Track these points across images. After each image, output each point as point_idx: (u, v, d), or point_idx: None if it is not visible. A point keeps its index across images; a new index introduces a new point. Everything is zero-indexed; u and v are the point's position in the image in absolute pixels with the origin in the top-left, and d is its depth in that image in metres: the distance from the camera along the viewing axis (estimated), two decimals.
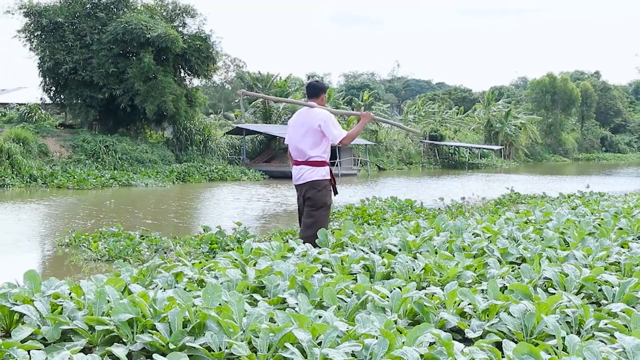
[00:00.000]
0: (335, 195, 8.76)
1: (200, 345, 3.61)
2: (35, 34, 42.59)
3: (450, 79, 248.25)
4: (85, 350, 3.78)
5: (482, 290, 4.88)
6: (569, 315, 4.20)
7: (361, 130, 8.84)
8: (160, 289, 4.86)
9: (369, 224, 13.64)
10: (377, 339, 3.43)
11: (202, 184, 39.69)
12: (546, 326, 3.90)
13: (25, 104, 46.52)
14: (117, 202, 26.87)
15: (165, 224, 19.95)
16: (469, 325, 4.12)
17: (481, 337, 3.96)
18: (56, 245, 14.91)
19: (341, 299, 4.54)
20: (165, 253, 12.97)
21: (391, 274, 5.44)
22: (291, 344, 3.44)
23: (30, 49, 43.12)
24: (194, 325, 3.83)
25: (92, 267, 12.02)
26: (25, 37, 42.87)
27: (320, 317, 3.95)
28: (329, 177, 8.56)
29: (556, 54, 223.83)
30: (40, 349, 3.70)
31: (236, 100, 61.15)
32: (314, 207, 8.38)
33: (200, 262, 6.00)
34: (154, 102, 40.75)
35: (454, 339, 3.58)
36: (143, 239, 14.36)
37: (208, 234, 12.69)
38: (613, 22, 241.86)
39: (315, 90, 8.69)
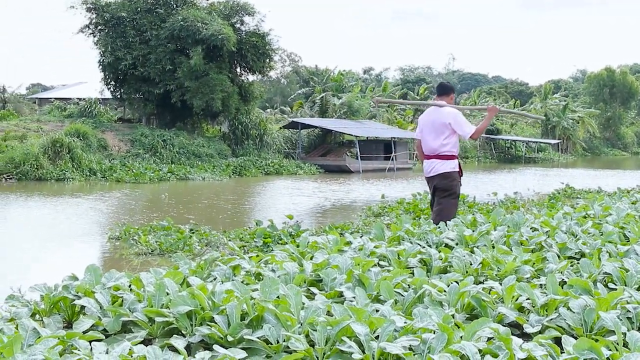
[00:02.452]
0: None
1: (258, 338, 3.63)
2: (98, 29, 43.27)
3: (506, 72, 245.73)
4: (145, 342, 3.83)
5: (541, 285, 4.82)
6: (629, 311, 4.12)
7: (489, 123, 9.70)
8: (218, 281, 4.90)
9: (419, 218, 13.56)
10: (434, 333, 3.41)
11: (258, 177, 39.92)
12: (606, 322, 3.84)
13: (85, 98, 47.35)
14: (172, 195, 27.17)
15: (218, 218, 20.12)
16: (528, 320, 4.07)
17: (540, 332, 3.92)
18: (107, 239, 15.15)
19: (398, 292, 4.52)
20: (217, 247, 13.08)
21: (448, 268, 5.40)
22: (349, 337, 3.44)
23: (93, 42, 43.80)
24: (252, 318, 3.85)
25: (144, 261, 12.15)
26: (90, 32, 43.58)
27: (377, 310, 3.94)
28: (457, 170, 9.19)
29: (615, 47, 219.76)
30: (101, 340, 3.77)
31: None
32: (443, 195, 9.08)
33: (257, 256, 6.04)
34: (202, 98, 41.05)
35: (512, 334, 3.55)
36: (193, 233, 14.50)
37: (260, 227, 12.77)
38: None
39: (445, 89, 9.46)
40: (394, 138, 50.92)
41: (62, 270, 9.53)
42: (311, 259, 5.64)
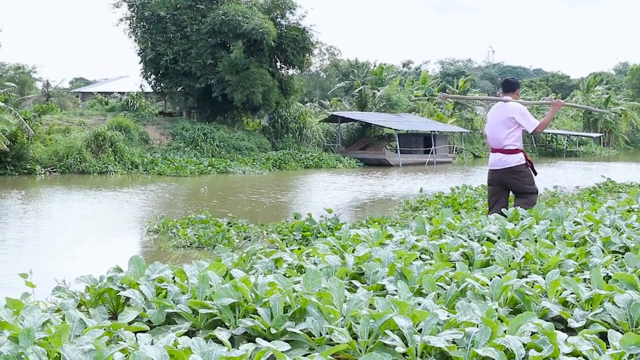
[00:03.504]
0: (535, 175, 9.73)
1: (301, 330, 3.64)
2: (139, 25, 43.66)
3: (547, 65, 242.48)
4: (189, 334, 3.86)
5: (585, 279, 4.77)
6: None
7: (552, 117, 9.98)
8: (261, 274, 4.93)
9: (458, 212, 13.48)
10: (478, 327, 3.40)
11: (297, 171, 39.99)
12: None
13: (126, 92, 47.80)
14: (211, 189, 27.37)
15: (256, 211, 20.20)
16: (572, 315, 4.04)
17: (584, 327, 3.88)
18: (146, 232, 15.31)
19: (440, 286, 4.51)
20: (256, 240, 13.13)
21: (490, 262, 5.37)
22: (391, 330, 3.44)
23: (134, 39, 44.22)
24: (295, 310, 3.87)
25: (182, 254, 12.24)
26: (130, 28, 44.02)
27: (420, 304, 3.94)
28: (524, 162, 9.50)
29: None
30: (146, 331, 3.82)
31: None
32: (523, 193, 9.50)
33: (299, 249, 6.06)
34: (243, 92, 41.21)
35: (556, 329, 3.53)
36: (231, 226, 14.57)
37: (299, 221, 12.78)
38: None
39: (510, 85, 9.79)
40: (434, 131, 50.69)
41: (102, 263, 9.66)
42: (353, 252, 5.65)
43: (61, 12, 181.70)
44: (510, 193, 9.78)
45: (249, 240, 13.33)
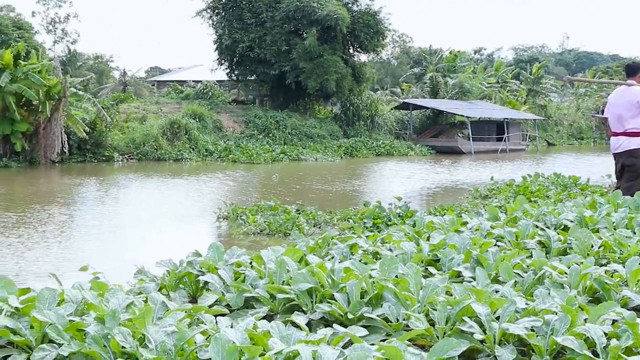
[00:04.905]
0: None
1: (377, 316, 3.66)
2: (215, 12, 44.15)
3: (624, 50, 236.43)
4: (267, 318, 3.92)
5: None
6: None
7: None
8: (337, 260, 4.97)
9: (531, 201, 13.30)
10: (557, 314, 3.37)
11: (369, 159, 39.96)
12: None
13: (200, 81, 48.42)
14: (283, 176, 27.54)
15: (327, 198, 20.28)
16: None
17: None
18: (216, 218, 15.51)
19: (517, 273, 4.48)
20: (325, 227, 13.18)
21: (568, 250, 5.30)
22: (469, 317, 3.44)
23: (210, 25, 44.74)
24: (372, 296, 3.89)
25: (253, 241, 12.37)
26: (208, 15, 44.54)
27: (497, 291, 3.92)
28: None
29: None
30: (225, 315, 3.89)
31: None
32: (634, 173, 9.44)
33: (374, 235, 6.08)
34: (317, 79, 41.32)
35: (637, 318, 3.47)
36: (299, 213, 14.65)
37: (369, 208, 12.78)
38: None
39: (633, 70, 9.78)
40: (507, 119, 50.03)
41: (172, 249, 9.82)
42: (428, 239, 5.65)
43: (137, 2, 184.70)
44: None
45: (319, 227, 13.41)
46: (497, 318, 3.44)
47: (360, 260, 4.91)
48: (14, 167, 29.03)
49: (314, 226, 13.58)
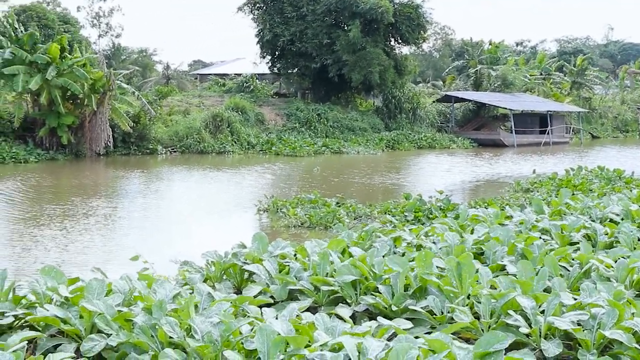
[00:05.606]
0: None
1: (421, 308, 3.67)
2: (257, 6, 44.33)
3: None
4: (310, 309, 3.94)
5: None
6: None
7: None
8: (381, 254, 4.97)
9: (574, 194, 13.18)
10: (604, 308, 3.34)
11: (410, 151, 39.82)
12: None
13: (242, 74, 48.58)
14: (324, 168, 27.56)
15: (367, 191, 20.25)
16: None
17: None
18: (256, 211, 15.57)
19: (563, 267, 4.45)
20: (366, 220, 13.16)
21: (614, 244, 5.25)
22: (514, 310, 3.42)
23: (252, 19, 44.94)
24: (415, 289, 3.89)
25: (294, 234, 12.41)
26: (250, 10, 44.73)
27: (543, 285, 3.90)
28: None
29: None
30: (270, 306, 3.92)
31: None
32: None
33: (417, 228, 6.07)
34: (360, 72, 41.31)
35: None
36: (339, 206, 14.65)
37: (410, 201, 12.73)
38: None
39: None
40: (550, 111, 49.45)
41: (214, 241, 9.88)
42: (472, 232, 5.63)
43: None
44: None
45: (360, 220, 13.41)
46: (542, 312, 3.42)
47: (403, 254, 4.91)
48: (61, 159, 29.42)
49: (354, 219, 13.58)
